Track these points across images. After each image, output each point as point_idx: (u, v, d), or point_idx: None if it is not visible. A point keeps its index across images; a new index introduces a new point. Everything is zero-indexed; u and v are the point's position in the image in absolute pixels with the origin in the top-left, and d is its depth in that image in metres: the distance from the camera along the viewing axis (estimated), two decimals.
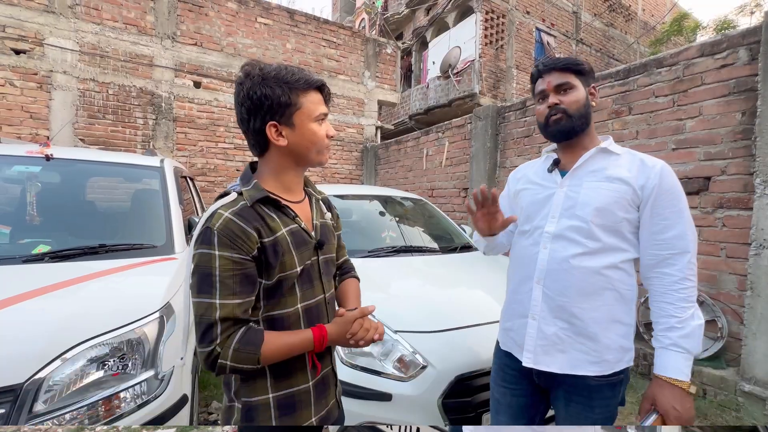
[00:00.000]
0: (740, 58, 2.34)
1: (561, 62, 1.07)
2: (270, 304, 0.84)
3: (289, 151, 0.85)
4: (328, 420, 0.92)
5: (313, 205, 0.97)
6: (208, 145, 5.95)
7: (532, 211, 1.11)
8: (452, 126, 5.12)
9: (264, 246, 0.80)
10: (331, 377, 0.96)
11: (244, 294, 0.78)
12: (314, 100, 0.85)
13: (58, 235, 1.88)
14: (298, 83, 0.82)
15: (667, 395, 0.90)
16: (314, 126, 0.84)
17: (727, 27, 10.06)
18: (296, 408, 0.85)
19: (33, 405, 1.08)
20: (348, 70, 7.13)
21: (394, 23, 12.68)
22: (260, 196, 0.82)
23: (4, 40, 4.66)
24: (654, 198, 0.98)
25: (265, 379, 0.83)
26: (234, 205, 0.80)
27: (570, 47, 11.38)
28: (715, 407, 2.27)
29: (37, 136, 4.82)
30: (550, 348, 1.01)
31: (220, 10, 5.98)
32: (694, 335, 0.93)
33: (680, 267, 0.96)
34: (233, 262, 0.76)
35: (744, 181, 2.32)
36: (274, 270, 0.81)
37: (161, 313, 1.40)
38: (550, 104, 1.07)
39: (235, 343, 0.75)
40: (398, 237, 2.74)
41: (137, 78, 5.43)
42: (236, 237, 0.76)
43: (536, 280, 1.05)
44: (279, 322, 0.84)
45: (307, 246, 0.88)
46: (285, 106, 0.81)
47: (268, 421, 0.83)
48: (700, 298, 2.48)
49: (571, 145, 1.10)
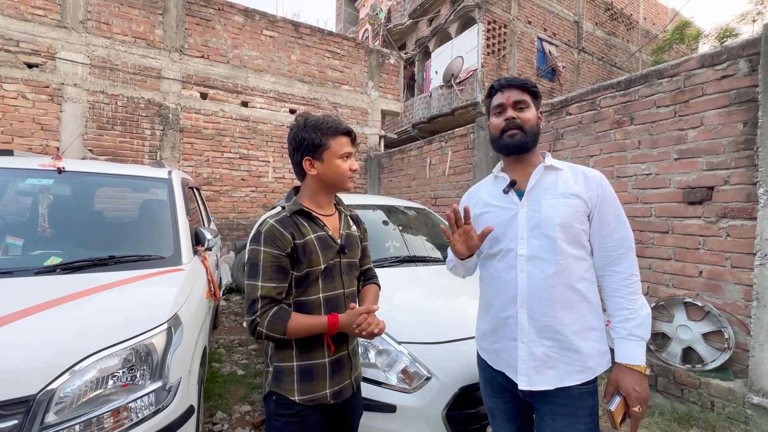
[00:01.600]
0: (740, 69, 2.36)
1: (520, 81, 1.15)
2: (299, 291, 1.09)
3: (319, 179, 1.14)
4: (341, 395, 1.13)
5: (341, 219, 1.23)
6: (214, 155, 6.03)
7: (499, 233, 1.14)
8: (455, 135, 5.16)
9: (296, 246, 1.06)
10: (346, 361, 1.16)
11: (278, 280, 1.04)
12: (341, 142, 1.12)
13: (69, 247, 1.92)
14: (329, 130, 1.10)
15: (628, 379, 1.03)
16: (339, 162, 1.12)
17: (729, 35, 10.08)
18: (314, 377, 1.08)
19: (45, 416, 1.10)
20: (352, 80, 7.22)
21: (397, 34, 12.85)
22: (296, 209, 1.11)
23: (18, 54, 4.79)
24: (599, 206, 1.09)
25: (291, 350, 1.08)
26: (278, 216, 1.09)
27: (572, 56, 11.46)
28: (724, 420, 2.24)
29: (48, 147, 4.92)
30: (541, 367, 1.07)
31: (226, 23, 6.11)
32: (644, 324, 1.05)
33: (628, 264, 1.08)
34: (272, 256, 1.03)
35: (747, 191, 2.32)
36: (302, 265, 1.07)
37: (169, 324, 1.42)
38: (507, 117, 1.13)
39: (270, 316, 1.01)
40: (402, 247, 2.75)
41: (145, 90, 5.54)
42: (276, 237, 1.04)
43: (519, 304, 1.09)
44: (304, 306, 1.09)
45: (332, 249, 1.13)
46: (317, 146, 1.10)
47: (291, 383, 1.07)
48: (705, 308, 2.47)
49: (520, 160, 1.17)
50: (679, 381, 2.53)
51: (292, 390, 1.07)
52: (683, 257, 2.63)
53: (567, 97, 3.50)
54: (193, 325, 1.65)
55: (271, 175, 6.50)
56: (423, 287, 2.24)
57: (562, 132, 3.52)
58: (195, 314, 1.73)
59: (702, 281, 2.53)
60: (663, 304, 2.70)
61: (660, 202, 2.76)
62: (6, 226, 2.02)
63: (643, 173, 2.86)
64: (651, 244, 2.81)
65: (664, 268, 2.74)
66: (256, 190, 6.37)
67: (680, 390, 2.52)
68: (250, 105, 6.29)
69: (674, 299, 2.64)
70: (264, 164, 6.43)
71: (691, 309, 2.58)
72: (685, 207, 2.62)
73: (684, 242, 2.63)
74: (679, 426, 2.28)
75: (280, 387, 1.07)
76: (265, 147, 6.43)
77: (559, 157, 3.50)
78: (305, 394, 1.07)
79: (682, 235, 2.63)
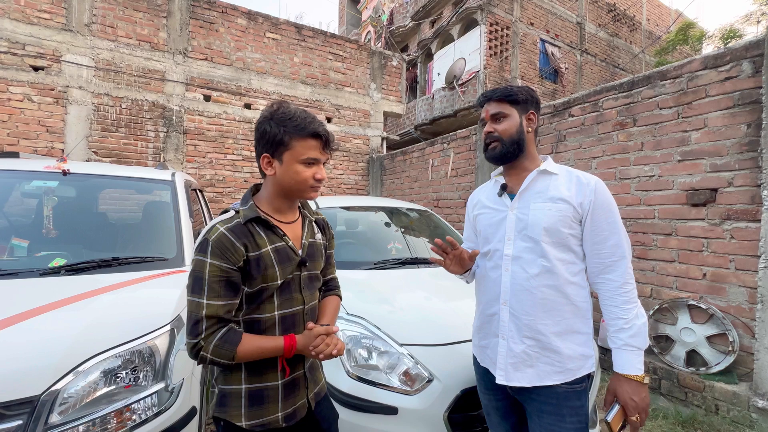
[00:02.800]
0: (744, 70, 2.36)
1: (497, 93, 1.18)
2: (250, 309, 0.96)
3: (276, 182, 1.00)
4: (293, 417, 1.02)
5: (305, 226, 1.09)
6: (217, 156, 6.06)
7: (489, 234, 1.21)
8: (457, 137, 5.16)
9: (249, 259, 0.93)
10: (302, 380, 1.05)
11: (227, 297, 0.91)
12: (307, 145, 0.96)
13: (73, 248, 1.93)
14: (294, 128, 0.95)
15: (626, 389, 1.03)
16: (299, 167, 0.97)
17: (733, 36, 10.04)
18: (264, 401, 0.97)
19: (49, 416, 1.11)
20: (354, 82, 7.24)
21: (399, 36, 12.88)
22: (252, 215, 0.96)
23: (24, 57, 4.84)
24: (591, 212, 1.09)
25: (240, 372, 0.96)
26: (230, 222, 0.94)
27: (575, 57, 11.44)
28: (728, 423, 2.23)
29: (53, 149, 4.97)
30: (520, 364, 1.10)
31: (230, 26, 6.14)
32: (640, 333, 1.05)
33: (621, 272, 1.08)
34: (221, 269, 0.89)
35: (751, 192, 2.30)
36: (255, 280, 0.94)
37: (172, 325, 1.43)
38: (485, 132, 1.19)
39: (216, 339, 0.89)
40: (404, 248, 2.75)
41: (149, 92, 5.58)
42: (226, 249, 0.90)
43: (502, 301, 1.14)
44: (257, 325, 0.97)
45: (291, 262, 1.01)
46: (278, 144, 0.95)
47: (238, 408, 0.96)
48: (709, 311, 2.45)
49: (513, 167, 1.20)
50: (683, 384, 2.51)
51: (239, 415, 0.95)
52: (687, 259, 2.62)
53: (569, 99, 3.50)
54: None
55: None
56: (425, 289, 2.24)
57: (564, 133, 3.52)
58: None
59: (706, 284, 2.52)
60: (666, 307, 2.68)
61: (663, 204, 2.75)
62: (11, 228, 2.04)
63: (646, 175, 2.85)
64: (654, 247, 2.80)
65: (667, 270, 2.73)
66: None
67: (684, 393, 2.51)
68: (253, 107, 6.32)
69: (678, 302, 2.62)
70: None
71: (694, 311, 2.56)
72: (688, 209, 2.61)
73: (687, 244, 2.61)
74: (683, 429, 2.26)
75: (226, 412, 0.96)
76: None
77: (562, 158, 3.50)
78: (253, 420, 0.96)
79: (686, 237, 2.62)
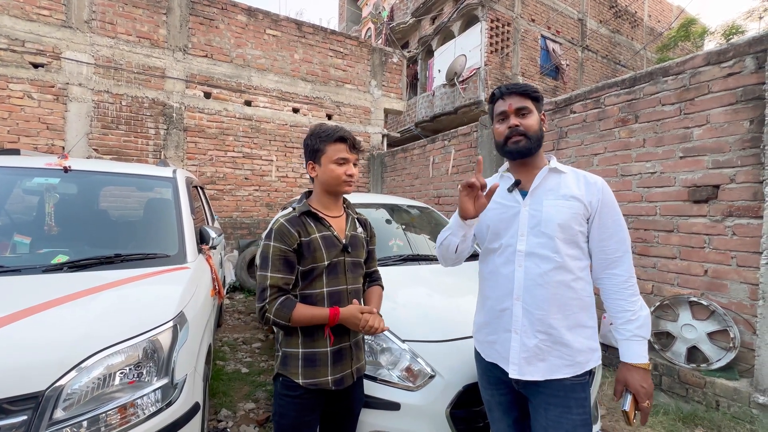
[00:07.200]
0: (747, 66, 2.35)
1: (521, 87, 1.17)
2: (304, 285, 1.21)
3: (319, 182, 1.28)
4: (342, 382, 1.23)
5: (348, 221, 1.34)
6: (218, 154, 6.05)
7: (500, 229, 1.20)
8: (458, 134, 5.15)
9: (302, 243, 1.19)
10: (348, 351, 1.26)
11: (285, 272, 1.17)
12: (336, 148, 1.23)
13: (75, 245, 1.93)
14: (326, 136, 1.23)
15: (636, 377, 1.09)
16: (333, 166, 1.23)
17: (736, 32, 9.99)
18: (316, 364, 1.20)
19: (53, 412, 1.11)
20: (355, 79, 7.22)
21: (399, 32, 12.83)
22: (304, 209, 1.25)
23: (24, 54, 4.82)
24: (599, 211, 1.13)
25: (297, 338, 1.21)
26: (288, 216, 1.23)
27: (576, 54, 11.39)
28: (729, 419, 2.23)
29: (53, 146, 4.96)
30: (533, 358, 1.12)
31: (230, 22, 6.12)
32: (646, 324, 1.11)
33: (625, 267, 1.13)
34: (280, 250, 1.17)
35: (754, 189, 2.30)
36: (306, 260, 1.19)
37: (175, 321, 1.43)
38: (511, 125, 1.16)
39: (277, 304, 1.14)
40: (405, 245, 2.75)
41: (149, 89, 5.56)
42: (284, 234, 1.18)
43: (515, 297, 1.15)
44: (309, 299, 1.21)
45: (336, 247, 1.24)
46: (316, 151, 1.24)
47: (296, 368, 1.19)
48: (710, 307, 2.45)
49: (525, 164, 1.21)
50: (684, 380, 2.52)
51: (296, 374, 1.19)
52: (688, 256, 2.62)
53: (571, 96, 3.49)
54: (198, 322, 1.66)
55: (274, 174, 6.51)
56: (426, 286, 2.24)
57: (566, 130, 3.51)
58: (200, 312, 1.74)
59: (707, 280, 2.52)
60: (668, 303, 2.69)
61: (665, 201, 2.74)
62: (13, 225, 2.04)
63: (648, 172, 2.84)
64: (656, 243, 2.80)
65: (669, 267, 2.73)
66: (259, 188, 6.39)
67: (685, 389, 2.51)
68: (253, 104, 6.30)
69: (679, 298, 2.63)
70: (267, 163, 6.45)
71: (696, 308, 2.56)
72: (690, 206, 2.60)
73: (689, 241, 2.61)
74: (683, 425, 2.27)
75: (287, 370, 1.20)
76: (269, 146, 6.45)
77: (563, 155, 3.49)
78: (308, 378, 1.18)
79: (688, 234, 2.62)
